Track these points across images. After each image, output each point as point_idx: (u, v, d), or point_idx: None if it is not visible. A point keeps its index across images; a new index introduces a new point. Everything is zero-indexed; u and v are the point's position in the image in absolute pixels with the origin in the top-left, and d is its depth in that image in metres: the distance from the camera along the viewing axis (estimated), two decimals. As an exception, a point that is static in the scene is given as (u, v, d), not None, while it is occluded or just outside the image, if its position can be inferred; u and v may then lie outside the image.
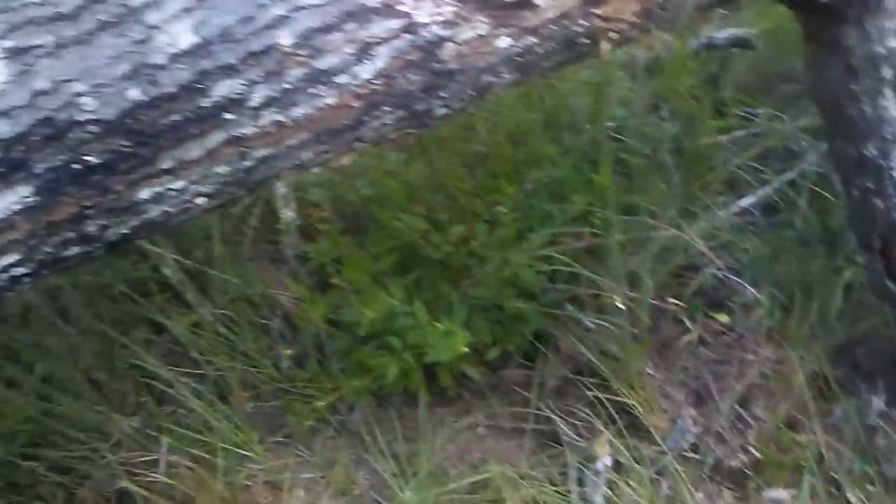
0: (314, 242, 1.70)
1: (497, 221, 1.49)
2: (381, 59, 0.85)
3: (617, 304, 1.28)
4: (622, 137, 1.66)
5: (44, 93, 0.82)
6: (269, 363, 1.62)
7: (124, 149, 0.85)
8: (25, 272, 0.92)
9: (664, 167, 1.61)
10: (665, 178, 1.60)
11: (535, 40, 0.89)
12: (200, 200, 0.93)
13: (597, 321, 1.43)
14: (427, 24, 0.83)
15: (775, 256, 1.47)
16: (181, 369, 1.56)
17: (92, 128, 0.83)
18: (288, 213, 1.74)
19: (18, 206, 0.85)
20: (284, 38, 0.83)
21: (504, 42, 0.87)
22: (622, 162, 1.62)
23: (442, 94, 0.90)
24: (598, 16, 0.89)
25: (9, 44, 0.81)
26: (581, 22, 0.89)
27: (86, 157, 0.84)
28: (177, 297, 1.68)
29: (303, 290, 1.60)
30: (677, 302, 1.42)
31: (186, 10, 0.81)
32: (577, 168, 1.54)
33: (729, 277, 1.45)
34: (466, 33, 0.85)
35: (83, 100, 0.82)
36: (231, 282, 1.67)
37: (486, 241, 1.44)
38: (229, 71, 0.83)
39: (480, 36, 0.86)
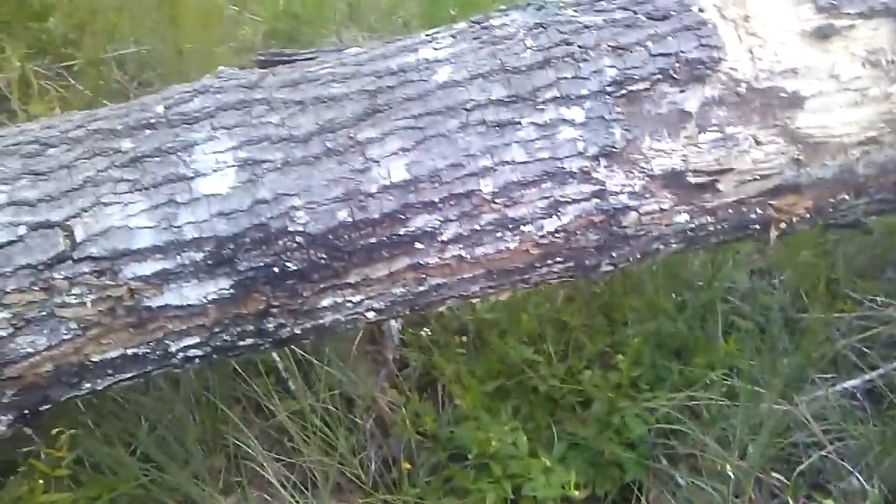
0: (418, 351, 1.74)
1: (609, 364, 1.52)
2: (567, 216, 0.92)
3: (728, 471, 1.27)
4: (734, 299, 1.69)
5: (264, 202, 0.91)
6: (357, 462, 1.64)
7: (321, 261, 0.92)
8: (199, 354, 0.99)
9: (773, 336, 1.62)
10: (774, 346, 1.61)
11: (711, 219, 0.95)
12: (370, 314, 0.99)
13: (694, 482, 1.42)
14: (616, 192, 0.90)
15: (885, 448, 1.45)
16: (275, 454, 1.59)
17: (299, 239, 0.91)
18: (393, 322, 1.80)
19: (214, 296, 0.93)
20: (486, 186, 0.90)
21: (682, 217, 0.94)
22: (732, 324, 1.64)
23: (613, 254, 0.96)
24: (774, 206, 0.94)
25: (242, 154, 0.91)
26: (757, 210, 0.95)
27: (286, 263, 0.92)
28: (280, 381, 1.74)
29: (400, 396, 1.63)
30: (781, 478, 1.40)
31: (404, 151, 0.90)
32: (691, 325, 1.56)
33: (835, 461, 1.43)
34: (650, 206, 0.92)
35: (297, 213, 0.90)
36: (334, 376, 1.72)
37: (598, 382, 1.47)
38: (430, 207, 0.91)
39: (662, 210, 0.92)
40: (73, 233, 0.89)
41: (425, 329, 1.76)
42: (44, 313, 0.90)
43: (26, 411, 0.98)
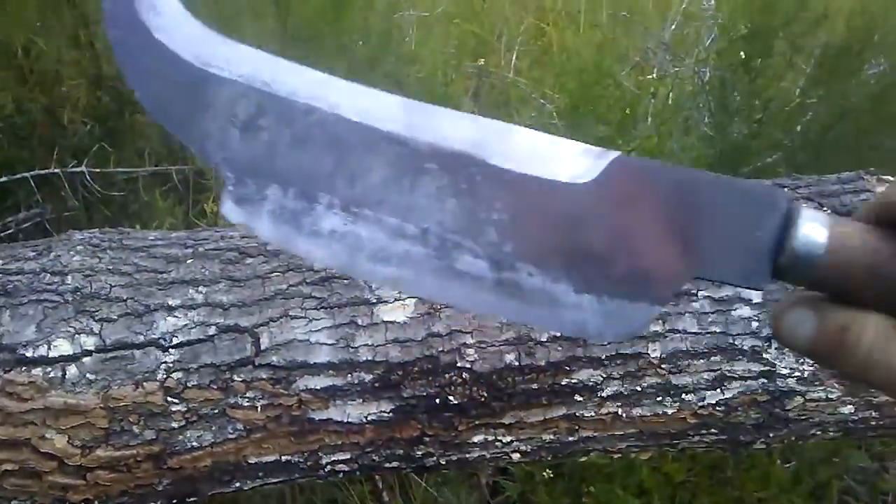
0: (514, 481, 1.73)
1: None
2: (731, 391, 0.93)
3: None
4: (851, 481, 1.63)
5: (438, 335, 0.95)
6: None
7: (481, 398, 0.95)
8: (346, 469, 1.02)
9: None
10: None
11: (876, 415, 0.94)
12: (516, 455, 1.01)
13: None
14: (785, 375, 0.91)
15: None
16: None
17: (465, 375, 0.94)
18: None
19: (374, 418, 0.97)
20: (654, 351, 0.93)
21: (847, 409, 0.93)
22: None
23: (770, 434, 0.96)
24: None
25: (423, 287, 0.96)
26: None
27: (448, 396, 0.95)
28: (375, 491, 1.74)
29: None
30: None
31: (579, 305, 0.93)
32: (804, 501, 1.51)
33: None
34: (817, 393, 0.92)
35: (468, 351, 0.94)
36: (430, 494, 1.72)
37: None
38: (595, 363, 0.93)
39: (829, 399, 0.92)
40: (258, 340, 0.95)
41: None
42: (216, 411, 0.95)
43: (174, 500, 1.02)
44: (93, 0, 1.60)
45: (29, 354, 0.92)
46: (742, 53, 1.92)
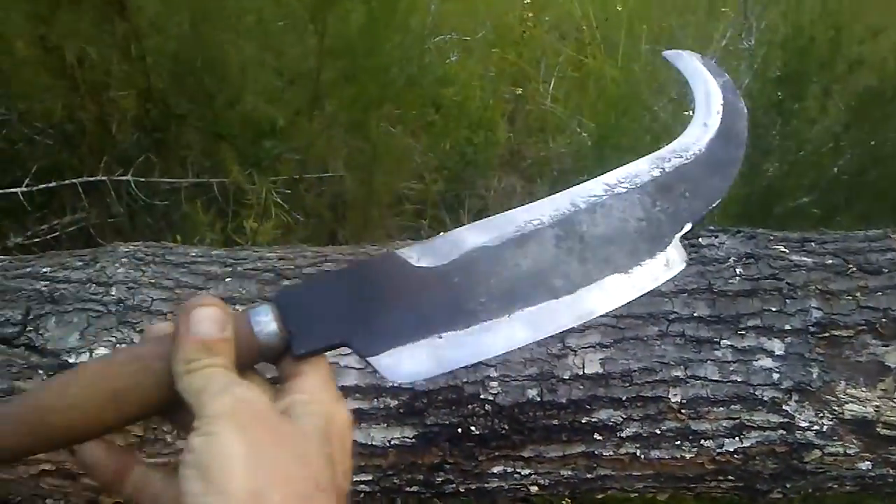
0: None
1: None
2: (750, 440, 0.94)
3: None
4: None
5: (465, 367, 0.97)
6: None
7: (502, 430, 0.97)
8: (367, 490, 1.05)
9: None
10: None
11: (893, 472, 0.95)
12: (534, 489, 1.03)
13: None
14: (804, 428, 0.92)
15: None
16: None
17: (487, 406, 0.96)
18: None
19: (397, 442, 0.99)
20: (675, 395, 0.94)
21: (865, 465, 0.94)
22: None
23: (787, 485, 0.97)
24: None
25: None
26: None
27: (470, 426, 0.97)
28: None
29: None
30: None
31: (602, 346, 0.96)
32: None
33: None
34: (835, 448, 0.93)
35: (492, 383, 0.96)
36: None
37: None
38: (616, 404, 0.95)
39: (847, 454, 0.93)
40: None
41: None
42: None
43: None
44: (144, 14, 1.66)
45: (72, 360, 0.96)
46: (779, 94, 1.93)
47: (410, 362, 0.51)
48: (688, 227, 0.55)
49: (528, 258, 0.53)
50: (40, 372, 0.95)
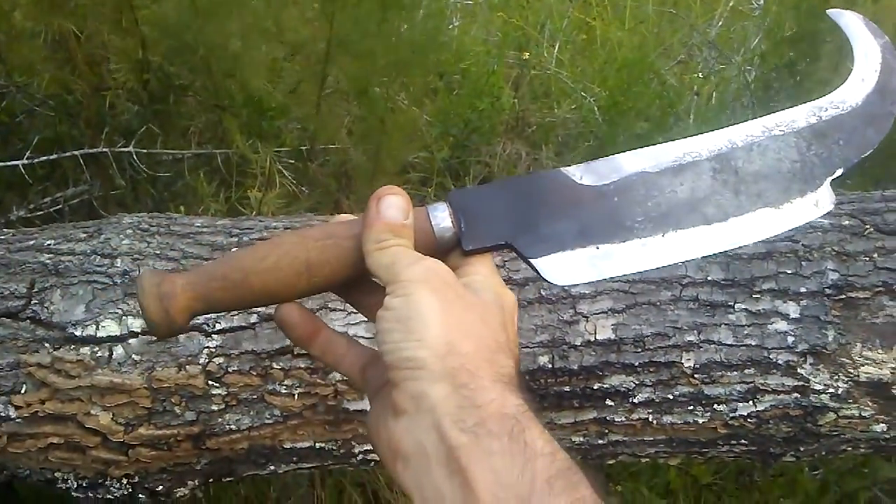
0: None
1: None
2: (763, 404, 0.93)
3: None
4: (880, 493, 1.61)
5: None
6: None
7: (513, 398, 0.96)
8: (377, 459, 1.04)
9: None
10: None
11: (909, 434, 0.94)
12: (544, 455, 1.02)
13: None
14: (819, 391, 0.91)
15: None
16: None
17: (498, 374, 0.95)
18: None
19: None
20: (688, 360, 0.93)
21: (879, 427, 0.93)
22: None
23: (800, 448, 0.96)
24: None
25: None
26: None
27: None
28: None
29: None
30: None
31: (614, 312, 0.94)
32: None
33: None
34: (850, 410, 0.92)
35: (502, 351, 0.95)
36: None
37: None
38: (628, 369, 0.94)
39: (862, 417, 0.92)
40: (298, 330, 0.97)
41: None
42: (255, 397, 0.98)
43: (211, 479, 1.06)
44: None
45: (78, 333, 0.95)
46: (791, 54, 1.89)
47: (569, 267, 0.55)
48: (839, 171, 0.58)
49: (684, 186, 0.57)
50: (46, 345, 0.94)
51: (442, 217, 0.55)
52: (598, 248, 0.55)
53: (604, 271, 0.55)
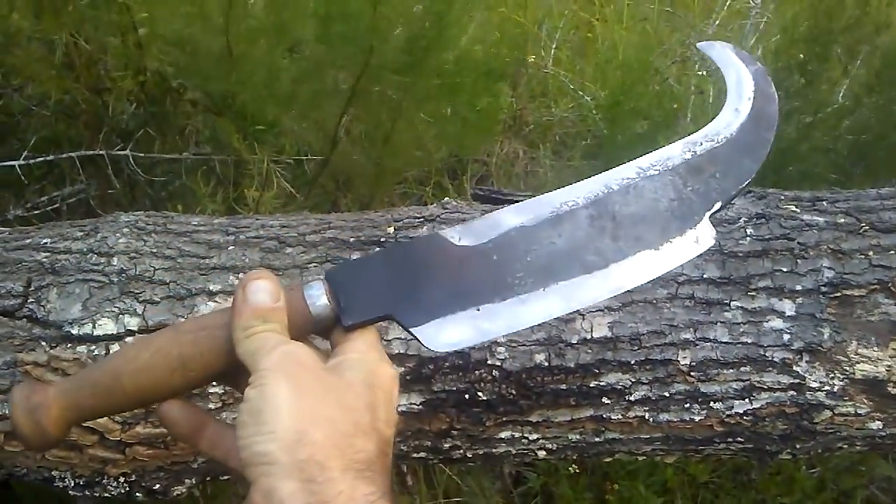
0: (537, 472, 1.74)
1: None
2: (759, 401, 0.93)
3: None
4: (876, 490, 1.62)
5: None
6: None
7: (510, 396, 0.96)
8: (374, 458, 1.05)
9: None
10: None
11: (905, 432, 0.94)
12: (541, 453, 1.02)
13: None
14: (815, 389, 0.91)
15: None
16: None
17: (495, 372, 0.96)
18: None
19: (404, 409, 0.98)
20: (684, 358, 0.93)
21: (875, 424, 0.93)
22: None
23: (796, 446, 0.96)
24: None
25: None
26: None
27: (477, 392, 0.96)
28: (399, 474, 1.76)
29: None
30: None
31: (610, 310, 0.95)
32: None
33: None
34: (846, 408, 0.92)
35: (499, 349, 0.95)
36: (453, 481, 1.74)
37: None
38: (625, 367, 0.94)
39: (857, 414, 0.92)
40: (294, 328, 0.97)
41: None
42: (251, 395, 0.98)
43: (208, 478, 1.06)
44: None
45: (74, 332, 0.95)
46: (801, 55, 1.88)
47: (450, 332, 0.55)
48: (718, 205, 0.59)
49: (562, 237, 0.57)
50: (42, 344, 0.94)
51: (317, 295, 0.54)
52: (478, 309, 0.55)
53: (487, 332, 0.55)
